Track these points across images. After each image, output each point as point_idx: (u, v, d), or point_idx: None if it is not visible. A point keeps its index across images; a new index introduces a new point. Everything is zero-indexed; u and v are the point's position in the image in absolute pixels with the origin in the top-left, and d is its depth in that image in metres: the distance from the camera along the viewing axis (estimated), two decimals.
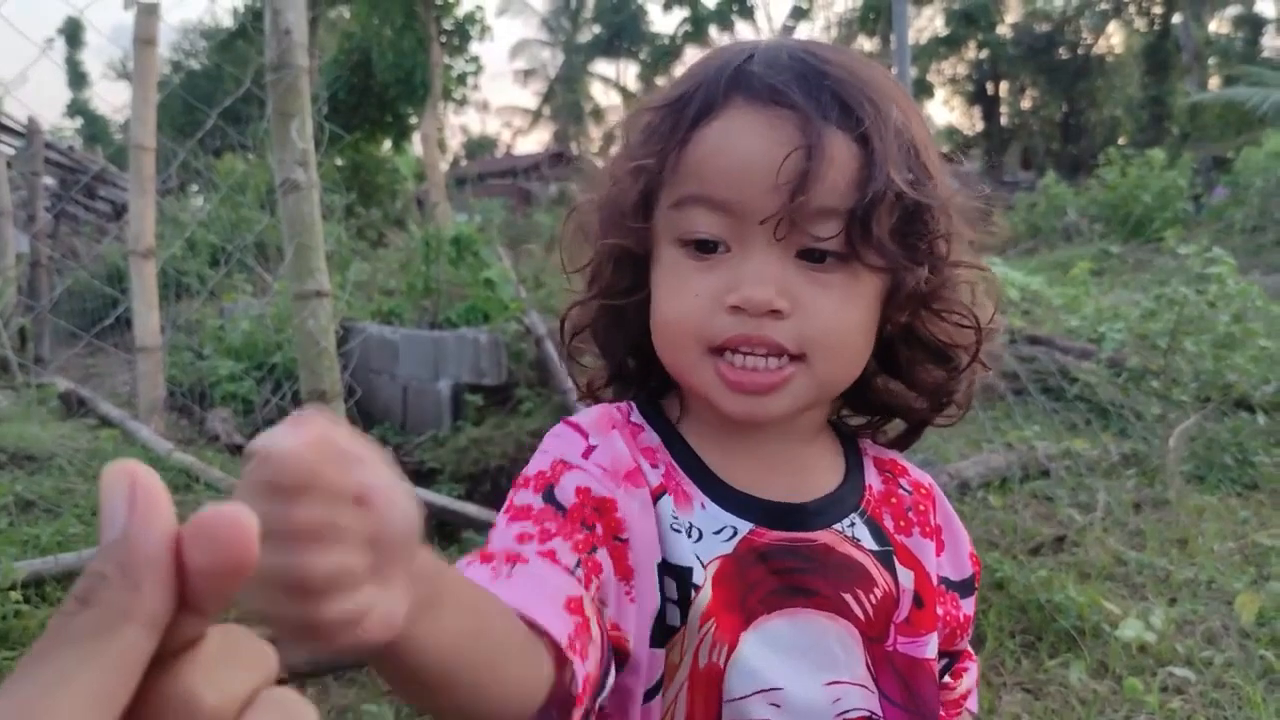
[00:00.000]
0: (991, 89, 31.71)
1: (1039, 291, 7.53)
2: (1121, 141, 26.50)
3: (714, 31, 30.75)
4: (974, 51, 30.55)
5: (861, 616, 0.82)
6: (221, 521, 0.31)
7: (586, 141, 37.14)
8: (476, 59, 18.14)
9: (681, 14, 31.93)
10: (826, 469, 0.89)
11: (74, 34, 34.50)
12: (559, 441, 0.83)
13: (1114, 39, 30.52)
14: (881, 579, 0.83)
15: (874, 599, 0.82)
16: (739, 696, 0.77)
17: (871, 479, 0.91)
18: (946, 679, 0.97)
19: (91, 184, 10.76)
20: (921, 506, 0.92)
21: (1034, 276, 8.29)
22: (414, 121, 17.12)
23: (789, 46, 0.83)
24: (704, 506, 0.82)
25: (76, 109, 36.89)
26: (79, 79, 36.96)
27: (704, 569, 0.78)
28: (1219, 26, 27.30)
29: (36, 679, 0.28)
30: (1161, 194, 13.45)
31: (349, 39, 16.66)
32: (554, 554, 0.70)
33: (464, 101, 20.59)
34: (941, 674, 0.94)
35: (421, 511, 0.43)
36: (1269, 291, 5.52)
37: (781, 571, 0.80)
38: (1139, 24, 28.55)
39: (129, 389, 6.17)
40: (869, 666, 0.82)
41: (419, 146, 17.64)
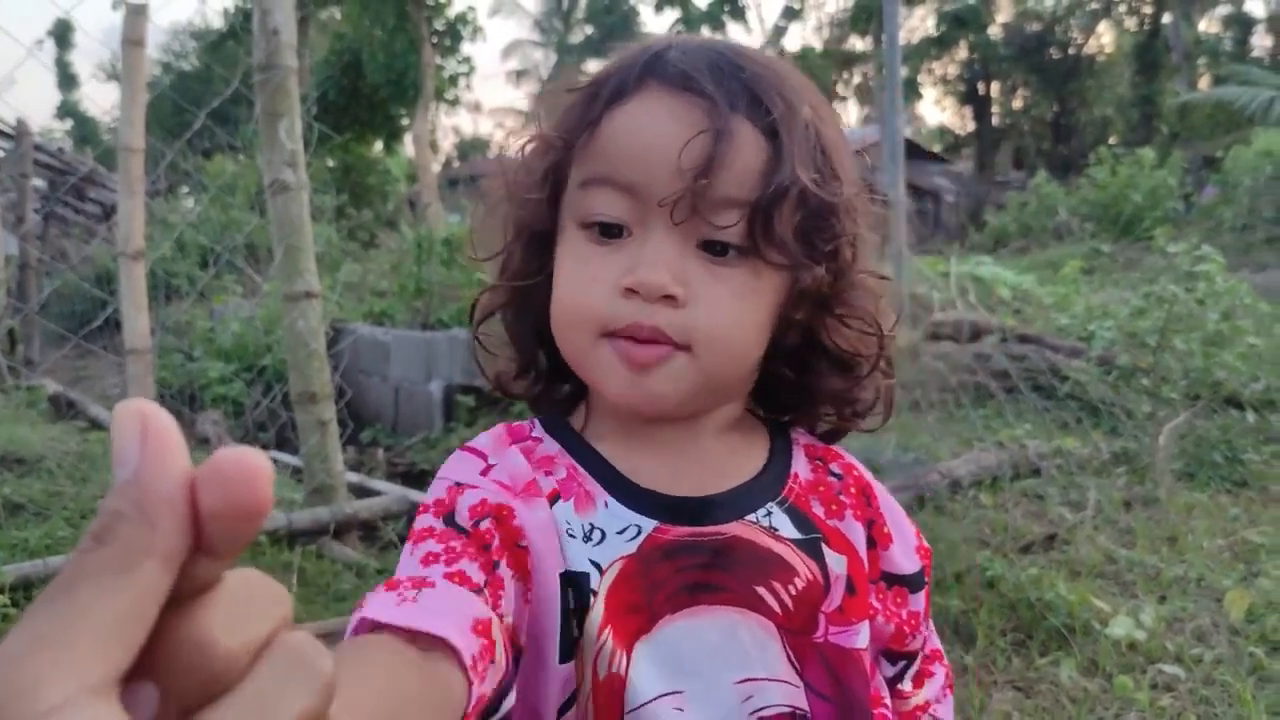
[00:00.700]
0: (982, 89, 31.78)
1: (1030, 290, 7.56)
2: (1112, 141, 26.60)
3: (705, 32, 30.77)
4: (965, 51, 30.63)
5: (778, 609, 0.79)
6: (236, 463, 0.31)
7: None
8: (468, 60, 18.17)
9: (673, 15, 31.94)
10: (742, 461, 0.86)
11: (63, 35, 34.39)
12: (457, 465, 0.81)
13: (1104, 39, 30.65)
14: (804, 568, 0.81)
15: (794, 590, 0.80)
16: (642, 703, 0.75)
17: (799, 466, 0.88)
18: (903, 686, 0.92)
19: (80, 186, 10.72)
20: (853, 489, 0.89)
21: (1025, 275, 8.32)
22: (405, 122, 17.13)
23: (710, 40, 0.83)
24: (607, 505, 0.79)
25: (66, 111, 36.77)
26: (68, 81, 36.84)
27: (601, 574, 0.76)
28: (1208, 26, 27.42)
29: (55, 613, 0.28)
30: (1151, 193, 13.50)
31: (340, 40, 16.66)
32: (462, 574, 0.69)
33: (456, 102, 20.59)
34: (898, 678, 0.91)
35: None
36: (1258, 290, 5.54)
37: (687, 569, 0.78)
38: (1129, 24, 28.67)
39: (119, 391, 6.15)
40: (791, 661, 0.79)
41: (410, 148, 17.63)
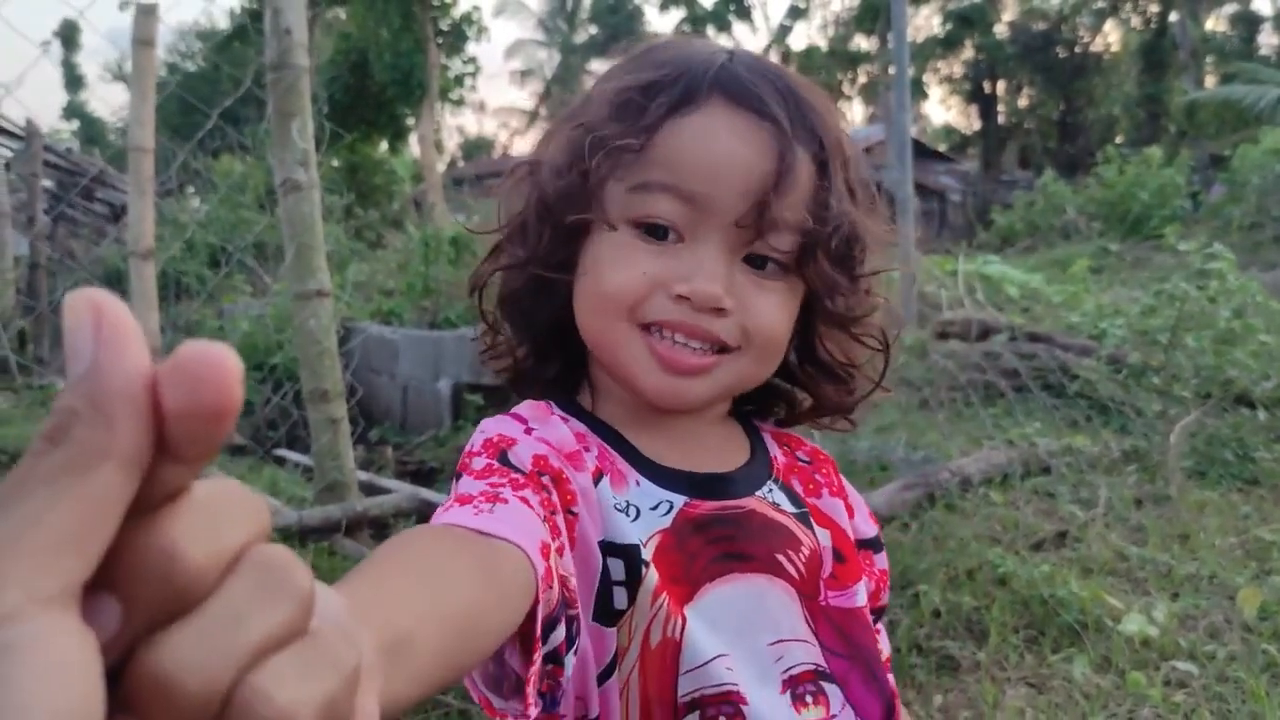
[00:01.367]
0: (989, 88, 31.74)
1: (1038, 289, 7.55)
2: (1119, 140, 26.56)
3: (711, 33, 30.73)
4: (971, 50, 30.59)
5: (795, 575, 0.84)
6: (201, 358, 0.28)
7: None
8: (473, 60, 18.19)
9: (678, 14, 31.96)
10: (736, 445, 0.93)
11: (70, 37, 34.52)
12: (498, 425, 0.82)
13: (1111, 37, 30.58)
14: (806, 538, 0.87)
15: (803, 556, 0.85)
16: (700, 664, 0.78)
17: (774, 451, 0.94)
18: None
19: (89, 186, 10.75)
20: (824, 470, 0.96)
21: (1033, 274, 8.31)
22: (411, 122, 17.14)
23: (762, 59, 0.87)
24: (639, 484, 0.83)
25: (73, 111, 36.88)
26: (75, 81, 36.96)
27: (644, 543, 0.79)
28: (1215, 24, 27.37)
29: (4, 520, 0.26)
30: (1159, 192, 13.48)
31: (346, 40, 16.69)
32: (528, 501, 0.70)
33: (461, 102, 20.62)
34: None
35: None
36: (1267, 288, 5.53)
37: (718, 540, 0.82)
38: (1135, 22, 28.61)
39: None
40: (808, 621, 0.84)
41: (416, 147, 17.65)
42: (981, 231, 16.13)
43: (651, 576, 0.78)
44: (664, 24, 33.74)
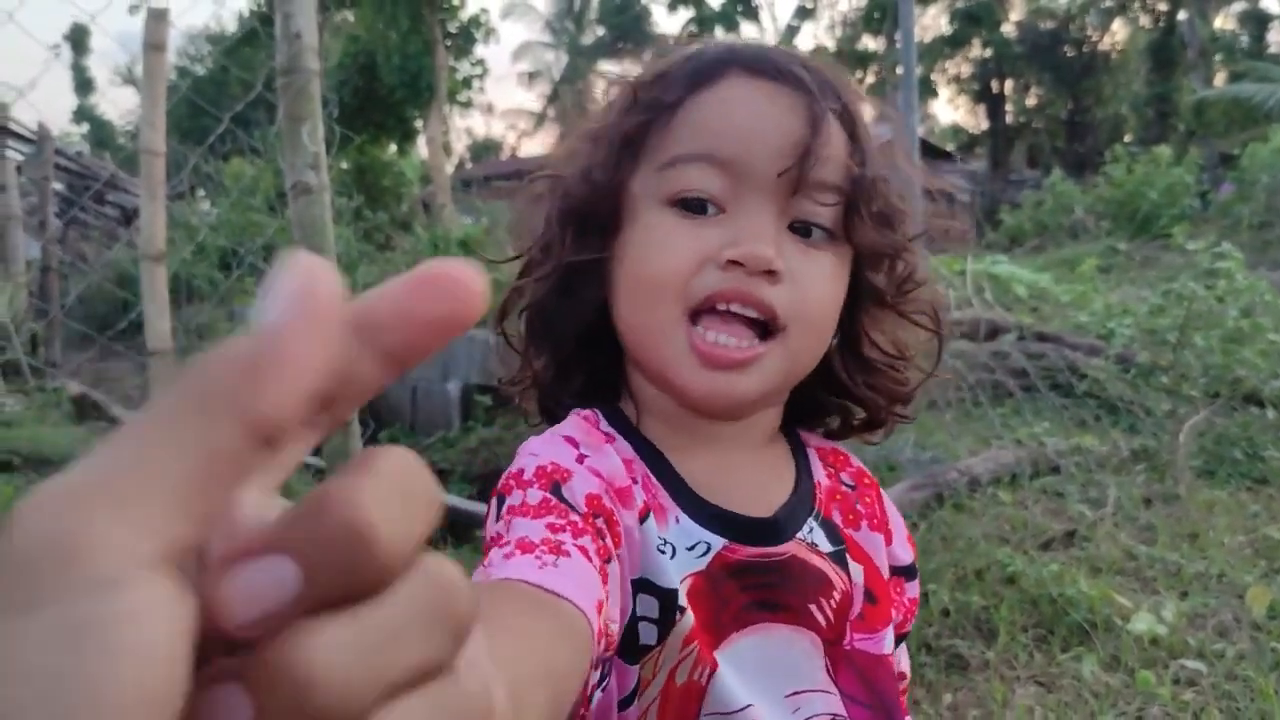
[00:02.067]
0: (996, 87, 31.67)
1: (1046, 289, 7.53)
2: (1127, 139, 26.49)
3: (720, 33, 30.75)
4: (978, 50, 30.53)
5: (823, 623, 0.81)
6: (448, 272, 0.28)
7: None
8: (481, 62, 18.22)
9: (686, 15, 31.94)
10: (782, 471, 0.88)
11: (80, 40, 34.64)
12: (548, 447, 0.78)
13: (1119, 36, 30.49)
14: (839, 580, 0.83)
15: (834, 603, 0.82)
16: (724, 711, 0.75)
17: (819, 475, 0.89)
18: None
19: (100, 190, 10.80)
20: (867, 499, 0.91)
21: (1041, 274, 8.29)
22: (419, 124, 17.17)
23: (765, 45, 0.85)
24: (678, 521, 0.79)
25: (83, 115, 37.03)
26: (85, 85, 37.10)
27: (681, 586, 0.76)
28: (1224, 22, 27.25)
29: (109, 460, 0.23)
30: (1168, 191, 13.44)
31: (354, 43, 16.72)
32: (587, 551, 0.67)
33: (469, 104, 20.68)
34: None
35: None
36: (1277, 287, 5.51)
37: (752, 588, 0.79)
38: (1144, 21, 28.51)
39: (141, 393, 6.20)
40: (828, 670, 0.81)
41: (424, 149, 17.68)
42: (990, 231, 16.11)
43: (686, 621, 0.75)
44: (672, 24, 33.73)
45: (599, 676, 0.70)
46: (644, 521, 0.77)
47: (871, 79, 31.59)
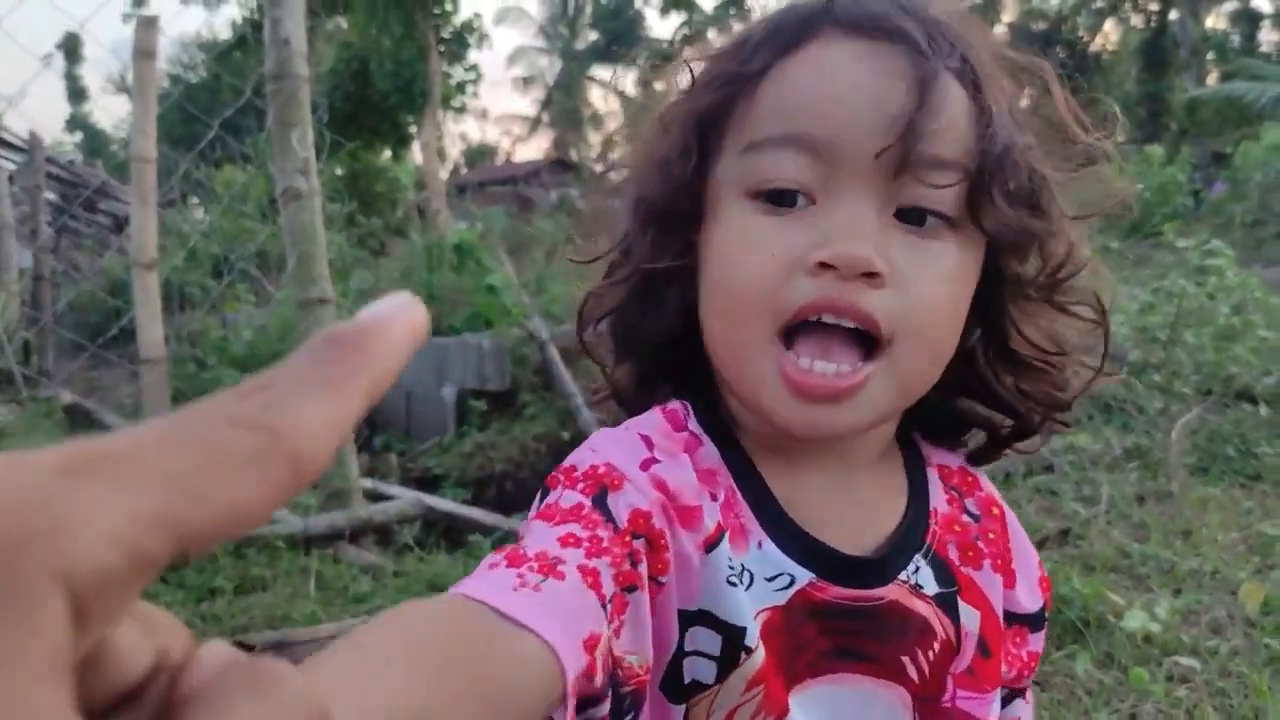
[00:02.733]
0: None
1: None
2: (1120, 138, 26.51)
3: (712, 35, 30.80)
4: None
5: (916, 679, 0.70)
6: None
7: (586, 148, 37.19)
8: (475, 67, 18.26)
9: (679, 18, 32.00)
10: (892, 495, 0.76)
11: (73, 49, 34.62)
12: (615, 446, 0.68)
13: (1111, 36, 30.57)
14: (941, 628, 0.72)
15: (931, 655, 0.71)
16: None
17: (937, 501, 0.77)
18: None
19: (92, 198, 10.79)
20: (991, 534, 0.77)
21: None
22: (413, 130, 17.18)
23: None
24: (760, 546, 0.69)
25: (76, 124, 37.02)
26: (78, 94, 37.11)
27: (754, 622, 0.66)
28: (1216, 22, 27.34)
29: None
30: (1160, 190, 13.45)
31: (347, 49, 16.73)
32: (597, 575, 0.57)
33: (463, 109, 20.69)
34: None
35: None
36: (1270, 284, 5.52)
37: (836, 633, 0.69)
38: (1136, 21, 28.59)
39: (134, 401, 6.20)
40: None
41: (419, 155, 17.69)
42: None
43: (754, 661, 0.66)
44: (665, 28, 33.78)
45: (613, 709, 0.57)
46: (712, 549, 0.67)
47: None
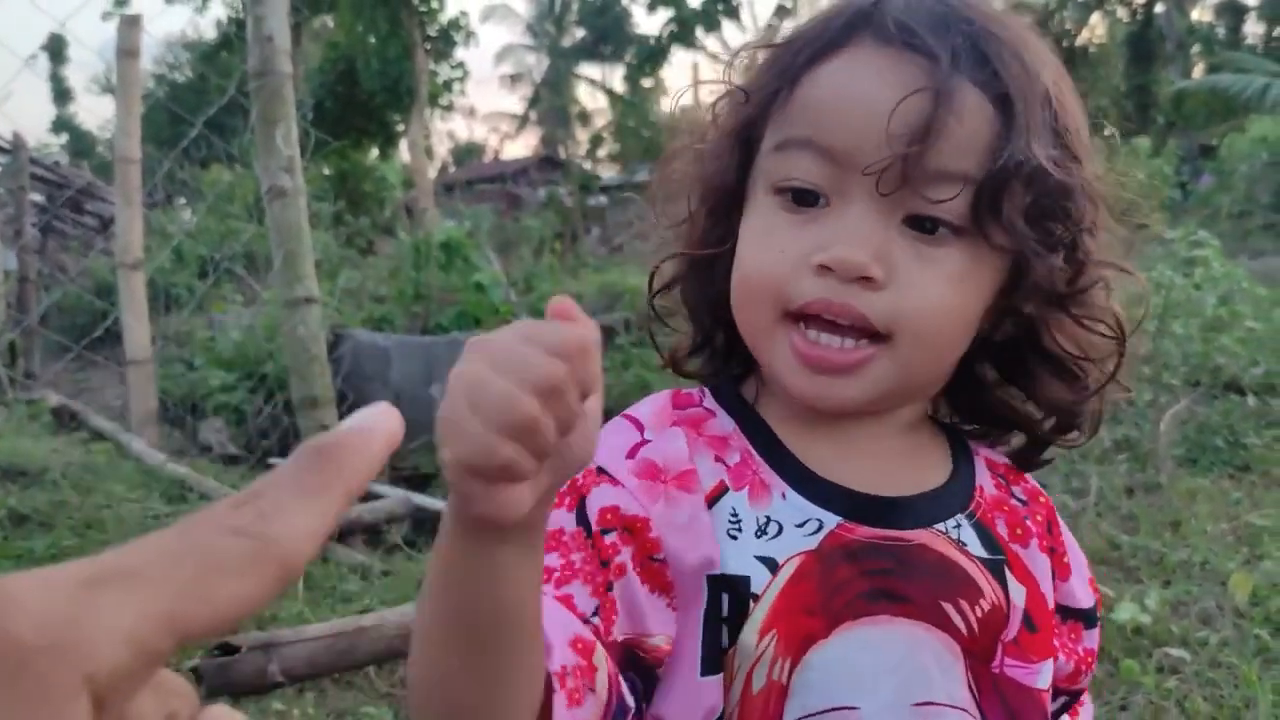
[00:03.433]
0: None
1: None
2: (1107, 131, 26.60)
3: (699, 33, 30.74)
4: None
5: (964, 629, 0.71)
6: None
7: (574, 145, 37.14)
8: (462, 65, 18.22)
9: (666, 15, 31.96)
10: (929, 464, 0.79)
11: (58, 50, 34.43)
12: (607, 437, 0.70)
13: (1098, 30, 30.65)
14: (990, 590, 0.72)
15: (980, 611, 0.71)
16: (803, 716, 0.67)
17: (983, 480, 0.79)
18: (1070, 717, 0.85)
19: (78, 199, 10.74)
20: (1039, 517, 0.80)
21: None
22: (400, 129, 17.13)
23: None
24: (784, 497, 0.72)
25: (62, 125, 36.82)
26: (63, 94, 36.90)
27: (774, 573, 0.69)
28: (1201, 15, 27.44)
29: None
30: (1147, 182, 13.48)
31: (334, 48, 16.67)
32: (570, 599, 0.64)
33: (450, 108, 20.65)
34: (1059, 713, 0.83)
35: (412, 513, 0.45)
36: (1256, 276, 5.54)
37: (871, 573, 0.70)
38: (1122, 14, 28.67)
39: (121, 402, 6.16)
40: (971, 688, 0.71)
41: (406, 154, 17.65)
42: None
43: (760, 612, 0.68)
44: (652, 25, 33.76)
45: (618, 703, 0.63)
46: (713, 504, 0.71)
47: None
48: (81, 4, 4.37)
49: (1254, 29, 27.52)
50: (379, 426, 0.32)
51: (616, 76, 36.88)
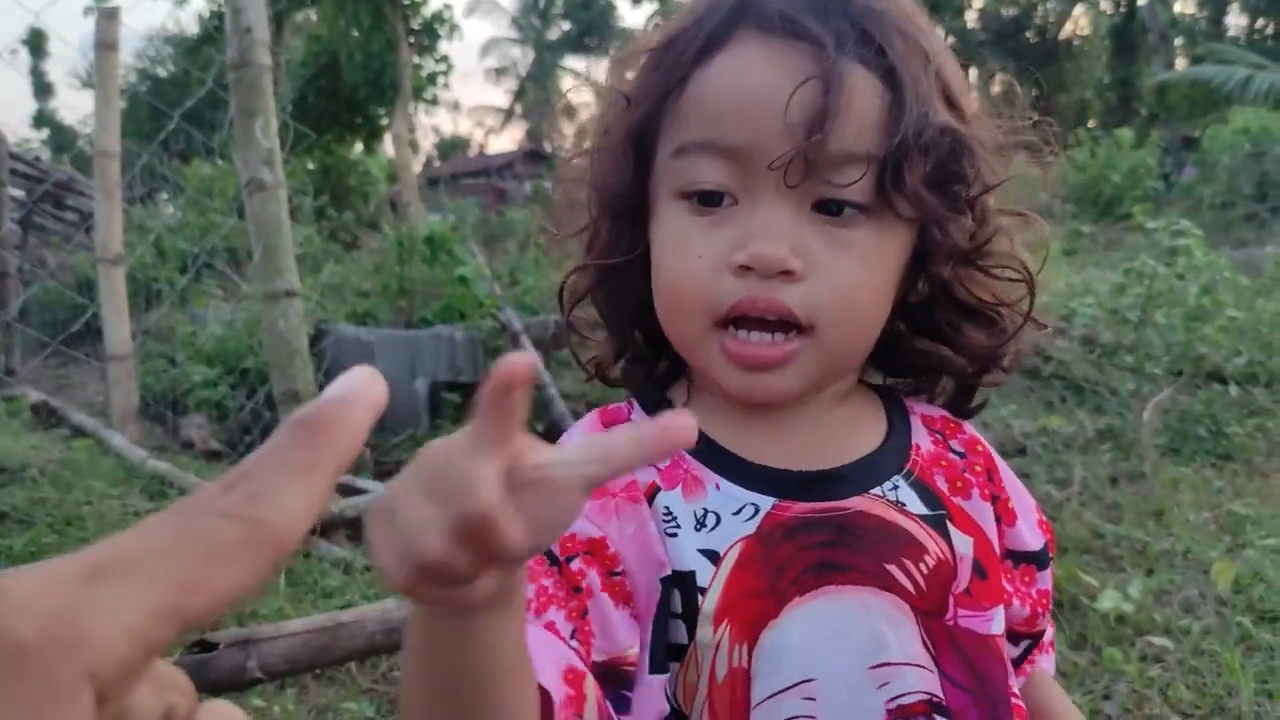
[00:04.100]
0: None
1: None
2: (1091, 123, 26.71)
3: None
4: (941, 36, 30.70)
5: (911, 589, 0.72)
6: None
7: (560, 139, 37.04)
8: (446, 58, 18.09)
9: (650, 8, 31.90)
10: (863, 431, 0.80)
11: (38, 44, 34.15)
12: None
13: (1081, 22, 30.74)
14: (934, 546, 0.74)
15: (925, 568, 0.73)
16: (768, 696, 0.68)
17: (920, 438, 0.81)
18: (1029, 664, 0.86)
19: (59, 194, 10.64)
20: (978, 467, 0.81)
21: None
22: (384, 123, 17.05)
23: None
24: (718, 487, 0.73)
25: (42, 120, 36.53)
26: (44, 89, 36.60)
27: (716, 563, 0.70)
28: (1184, 7, 27.56)
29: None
30: (1131, 173, 13.55)
31: (316, 41, 16.56)
32: (553, 625, 0.65)
33: (435, 101, 20.52)
34: (1023, 657, 0.85)
35: None
36: (1238, 266, 5.56)
37: (812, 547, 0.71)
38: (1105, 6, 28.76)
39: (102, 398, 6.12)
40: (926, 644, 0.72)
41: (390, 148, 17.57)
42: None
43: (710, 602, 0.69)
44: (636, 18, 33.68)
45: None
46: (652, 500, 0.72)
47: None
48: None
49: (1236, 21, 27.68)
50: (362, 393, 0.32)
51: (602, 69, 36.68)
